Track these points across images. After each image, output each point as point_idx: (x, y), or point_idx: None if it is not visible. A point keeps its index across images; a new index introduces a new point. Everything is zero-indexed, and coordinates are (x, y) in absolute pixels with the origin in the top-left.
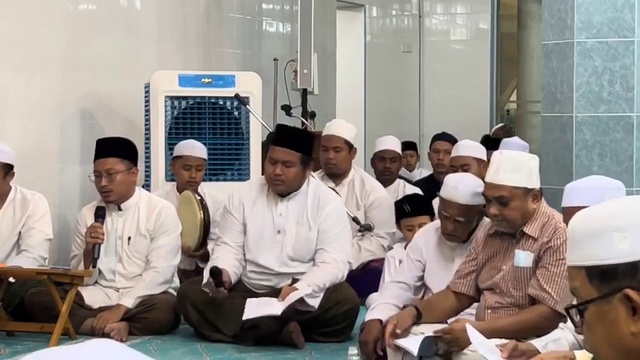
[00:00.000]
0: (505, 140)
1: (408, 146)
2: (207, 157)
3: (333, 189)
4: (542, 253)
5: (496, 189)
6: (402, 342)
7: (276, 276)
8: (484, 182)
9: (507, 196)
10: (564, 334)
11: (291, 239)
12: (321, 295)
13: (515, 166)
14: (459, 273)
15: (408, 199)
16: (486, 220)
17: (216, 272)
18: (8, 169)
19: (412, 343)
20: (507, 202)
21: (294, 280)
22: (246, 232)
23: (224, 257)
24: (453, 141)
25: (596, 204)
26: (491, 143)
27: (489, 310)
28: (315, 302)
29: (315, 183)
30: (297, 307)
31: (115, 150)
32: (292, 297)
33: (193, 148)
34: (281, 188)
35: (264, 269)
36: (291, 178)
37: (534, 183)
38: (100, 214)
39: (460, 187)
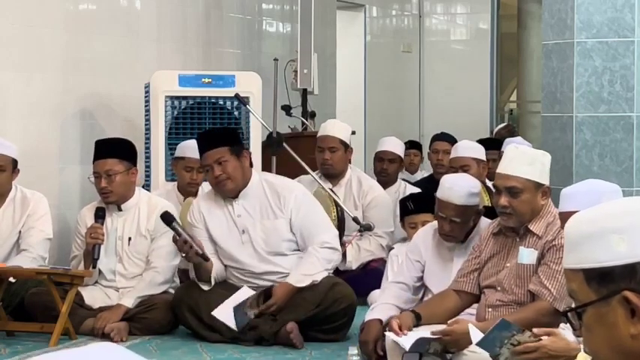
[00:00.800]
0: (508, 140)
1: (413, 145)
2: None
3: (330, 189)
4: (545, 251)
5: (508, 179)
6: (395, 336)
7: (261, 275)
8: (495, 173)
9: (519, 187)
10: (564, 334)
11: (260, 234)
12: (323, 270)
13: (529, 159)
14: (462, 272)
15: (412, 196)
16: (485, 220)
17: (167, 216)
18: (16, 164)
19: (406, 339)
20: (518, 194)
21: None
22: (214, 241)
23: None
24: (452, 141)
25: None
26: (491, 143)
27: (490, 309)
28: (316, 277)
29: (269, 176)
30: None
31: (113, 151)
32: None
33: (196, 150)
34: (229, 187)
35: (246, 271)
36: (231, 172)
37: (545, 179)
38: (99, 215)
39: (456, 188)
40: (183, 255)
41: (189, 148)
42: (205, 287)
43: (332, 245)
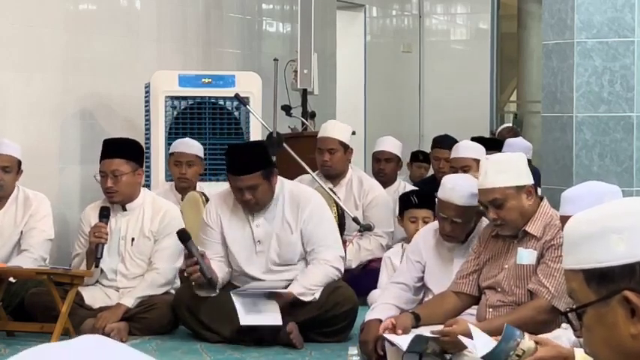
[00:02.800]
0: (509, 141)
1: (425, 158)
2: (202, 155)
3: (331, 189)
4: (544, 251)
5: (488, 193)
6: (392, 337)
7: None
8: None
9: (500, 197)
10: (565, 333)
11: (274, 247)
12: (320, 289)
13: (502, 167)
14: (461, 273)
15: (415, 191)
16: (485, 220)
17: (183, 235)
18: (20, 165)
19: (402, 339)
20: (502, 204)
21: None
22: (226, 245)
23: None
24: (452, 146)
25: None
26: (492, 144)
27: (491, 309)
28: (312, 297)
29: (289, 184)
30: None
31: (121, 151)
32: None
33: (185, 145)
34: (257, 208)
35: (252, 279)
36: (261, 197)
37: (524, 180)
38: (104, 214)
39: (457, 189)
40: (187, 275)
41: (180, 143)
42: (202, 294)
43: (335, 265)
